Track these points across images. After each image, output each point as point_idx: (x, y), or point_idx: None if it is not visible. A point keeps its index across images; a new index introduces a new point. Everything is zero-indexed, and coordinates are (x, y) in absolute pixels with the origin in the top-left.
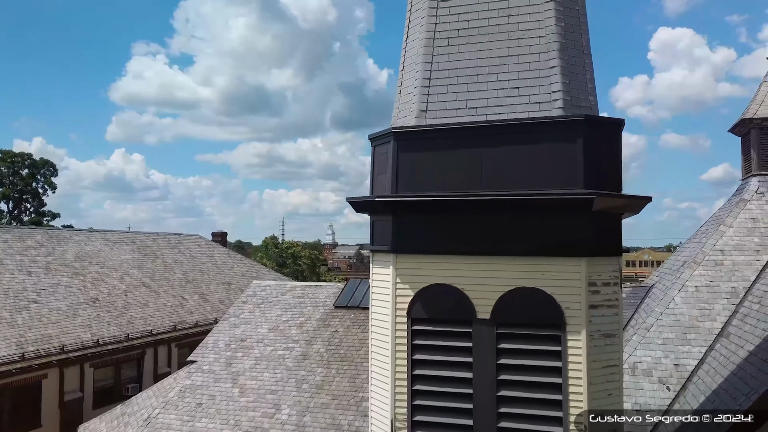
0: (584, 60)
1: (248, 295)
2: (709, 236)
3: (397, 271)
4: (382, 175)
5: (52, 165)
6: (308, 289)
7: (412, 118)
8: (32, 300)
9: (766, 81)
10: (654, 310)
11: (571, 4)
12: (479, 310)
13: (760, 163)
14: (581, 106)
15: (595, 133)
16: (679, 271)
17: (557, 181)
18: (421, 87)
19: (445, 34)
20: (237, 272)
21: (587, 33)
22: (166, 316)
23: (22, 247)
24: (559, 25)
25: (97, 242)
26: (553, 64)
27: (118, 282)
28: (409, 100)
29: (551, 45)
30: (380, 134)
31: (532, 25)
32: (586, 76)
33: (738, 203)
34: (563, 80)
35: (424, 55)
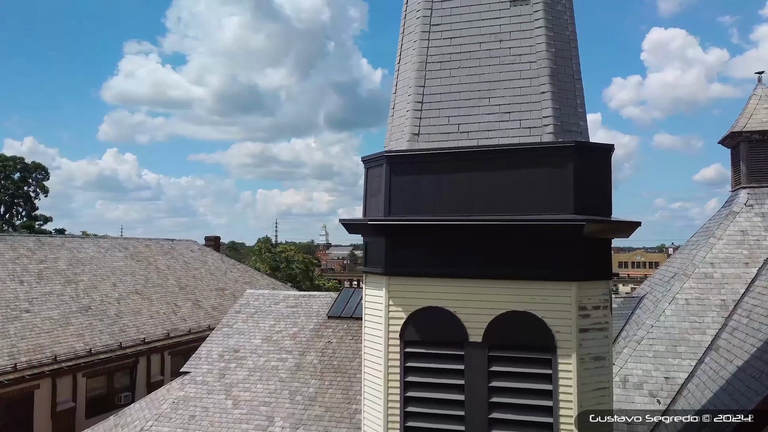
0: (575, 85)
1: (242, 305)
2: (699, 248)
3: (390, 294)
4: (375, 197)
5: (44, 169)
6: (302, 298)
7: (404, 141)
8: (24, 309)
9: (755, 94)
10: (645, 322)
11: (561, 30)
12: (471, 333)
13: (749, 176)
14: (572, 131)
15: (585, 158)
16: (669, 282)
17: (548, 206)
18: (414, 111)
19: (438, 58)
20: (230, 278)
21: (578, 58)
22: (159, 323)
23: (14, 255)
24: (549, 51)
25: (90, 249)
26: (544, 89)
27: (110, 289)
28: (401, 123)
29: (542, 71)
30: (373, 157)
31: (523, 51)
32: (577, 101)
33: (728, 215)
34: (554, 105)
35: (416, 79)
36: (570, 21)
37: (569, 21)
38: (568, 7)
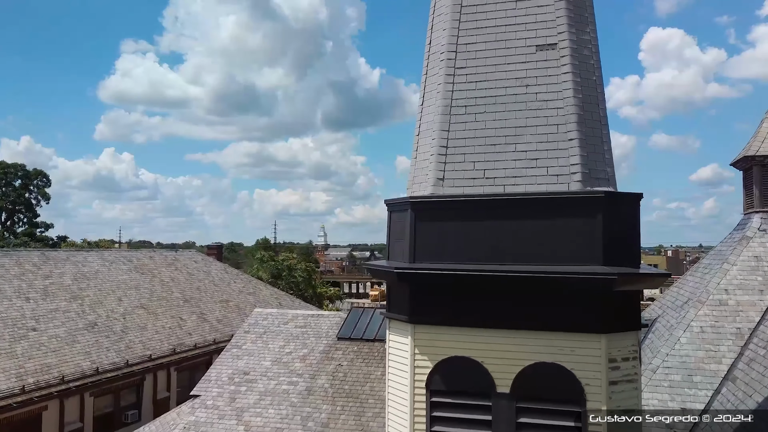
0: (602, 131)
1: (250, 324)
2: (712, 274)
3: (416, 342)
4: (399, 241)
5: (45, 175)
6: (311, 318)
7: (429, 185)
8: (31, 327)
9: (767, 118)
10: (660, 350)
11: (587, 75)
12: (499, 384)
13: (762, 200)
14: (599, 179)
15: (614, 208)
16: (683, 308)
17: (577, 256)
18: (438, 155)
19: (462, 102)
20: (234, 289)
21: (604, 103)
22: (164, 338)
23: (19, 271)
24: (576, 97)
25: (95, 263)
26: (572, 136)
27: (116, 304)
28: (425, 166)
29: (569, 117)
30: (397, 201)
31: (549, 96)
32: (604, 147)
33: (741, 240)
34: (581, 153)
35: (440, 123)
36: (596, 66)
37: (596, 66)
38: (594, 52)
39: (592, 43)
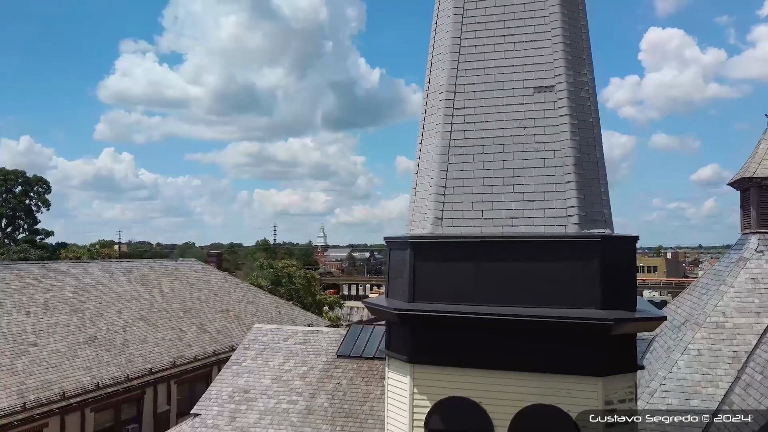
0: (599, 172)
1: (250, 341)
2: (710, 295)
3: (415, 382)
4: (398, 279)
5: (46, 182)
6: (310, 334)
7: (428, 224)
8: (32, 343)
9: (765, 139)
10: (657, 373)
11: (585, 117)
12: (497, 425)
13: (760, 221)
14: (596, 220)
15: (611, 251)
16: (680, 330)
17: (574, 299)
18: (437, 194)
19: (461, 142)
20: (234, 298)
21: (601, 144)
22: (164, 351)
23: (20, 284)
24: (574, 139)
25: (95, 274)
26: (569, 179)
27: (116, 317)
28: (424, 204)
29: (567, 159)
30: (396, 239)
31: (547, 138)
32: (601, 189)
33: (738, 262)
34: (578, 195)
35: (439, 162)
36: (593, 107)
37: (593, 107)
38: (591, 93)
39: (589, 85)
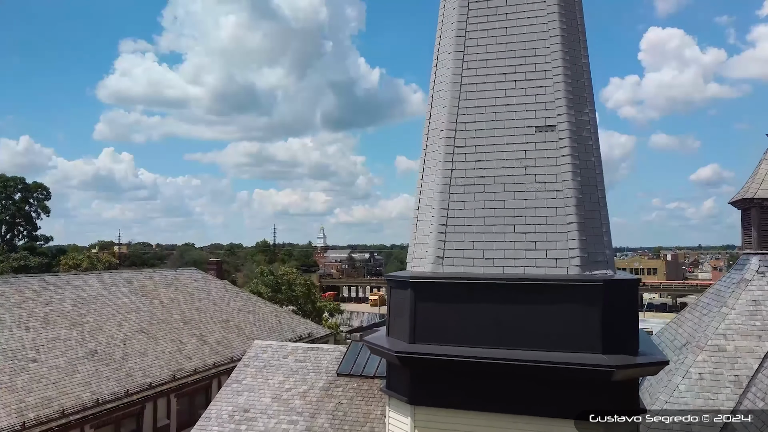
0: (600, 213)
1: (250, 358)
2: (711, 317)
3: (416, 423)
4: (399, 318)
5: (45, 188)
6: (310, 351)
7: (429, 263)
8: (31, 359)
9: (766, 159)
10: (659, 397)
11: (586, 157)
12: None
13: (761, 242)
14: (598, 261)
15: (613, 295)
16: (682, 352)
17: (576, 343)
18: (438, 233)
19: (462, 181)
20: (233, 307)
21: (603, 184)
22: (164, 364)
23: (20, 299)
24: (575, 180)
25: (95, 286)
26: (571, 220)
27: (116, 330)
28: (425, 242)
29: (568, 200)
30: (398, 279)
31: (548, 178)
32: (603, 230)
33: (739, 283)
34: (580, 237)
35: (440, 201)
36: (595, 146)
37: (594, 146)
38: (593, 132)
39: (590, 124)
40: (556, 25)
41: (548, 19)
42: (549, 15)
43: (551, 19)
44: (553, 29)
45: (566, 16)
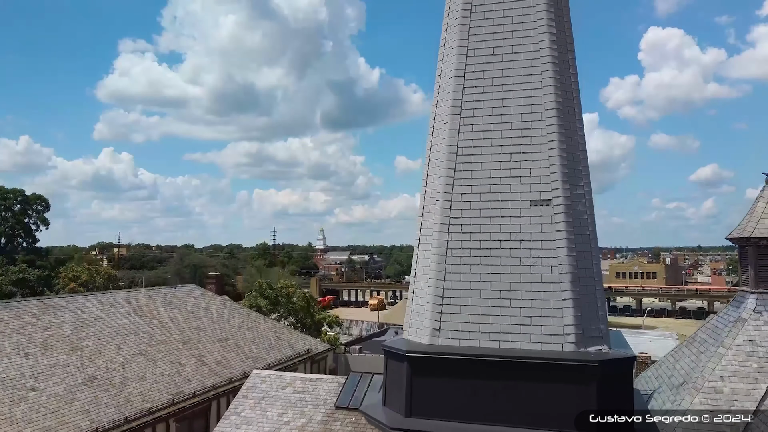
0: (595, 287)
1: (249, 388)
2: (709, 356)
3: None
4: (396, 390)
5: (45, 200)
6: (308, 382)
7: (425, 335)
8: (30, 387)
9: (763, 197)
10: None
11: (582, 231)
12: None
13: (758, 281)
14: (593, 337)
15: (608, 373)
16: (678, 392)
17: (571, 423)
18: (434, 305)
19: (457, 252)
20: (233, 325)
21: (598, 258)
22: (163, 387)
23: (19, 324)
24: (570, 255)
25: (94, 308)
26: (566, 296)
27: (115, 353)
28: (421, 312)
29: (563, 276)
30: (395, 350)
31: (543, 253)
32: (597, 304)
33: (736, 322)
34: (575, 313)
35: (436, 272)
36: (590, 219)
37: (589, 219)
38: (588, 206)
39: (586, 197)
40: (551, 98)
41: (544, 92)
42: (545, 88)
43: (547, 92)
44: (549, 102)
45: (562, 89)
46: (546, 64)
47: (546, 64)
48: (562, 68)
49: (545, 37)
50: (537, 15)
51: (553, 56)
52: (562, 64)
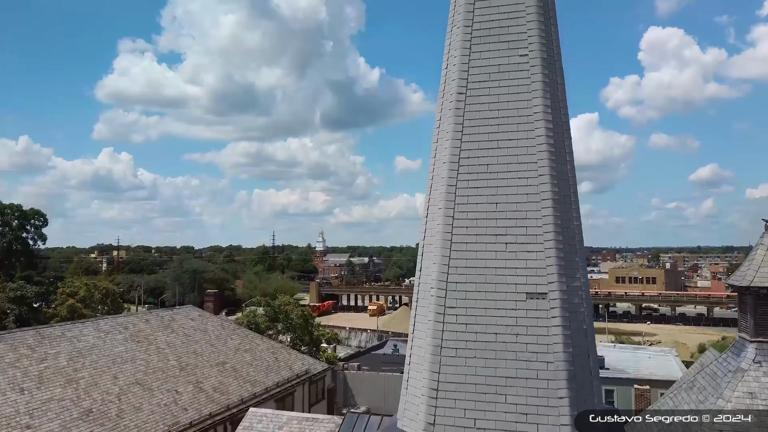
0: (592, 383)
1: (245, 428)
2: (708, 406)
3: None
4: None
5: (42, 215)
6: (305, 422)
7: (420, 429)
8: (25, 425)
9: (763, 244)
10: None
11: (578, 324)
12: None
13: (757, 330)
14: None
15: None
16: None
17: None
18: (429, 397)
19: (452, 343)
20: (231, 347)
21: (595, 352)
22: (159, 418)
23: (14, 357)
24: (567, 352)
25: (90, 336)
26: (562, 395)
27: (111, 384)
28: (416, 403)
29: (559, 373)
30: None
31: (540, 348)
32: (594, 400)
33: (736, 372)
34: (572, 412)
35: (431, 363)
36: (587, 313)
37: (586, 313)
38: (585, 298)
39: (582, 289)
40: (547, 188)
41: (540, 181)
42: (541, 177)
43: (543, 182)
44: (545, 192)
45: (558, 178)
46: (542, 152)
47: (542, 152)
48: (558, 156)
49: (541, 125)
50: (533, 102)
51: (549, 144)
52: (558, 152)
